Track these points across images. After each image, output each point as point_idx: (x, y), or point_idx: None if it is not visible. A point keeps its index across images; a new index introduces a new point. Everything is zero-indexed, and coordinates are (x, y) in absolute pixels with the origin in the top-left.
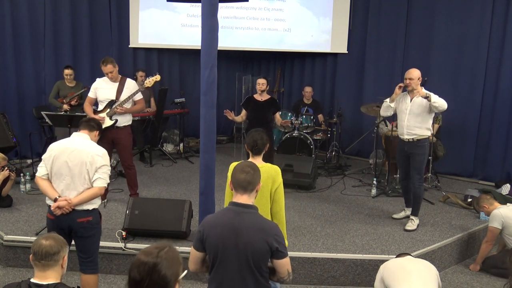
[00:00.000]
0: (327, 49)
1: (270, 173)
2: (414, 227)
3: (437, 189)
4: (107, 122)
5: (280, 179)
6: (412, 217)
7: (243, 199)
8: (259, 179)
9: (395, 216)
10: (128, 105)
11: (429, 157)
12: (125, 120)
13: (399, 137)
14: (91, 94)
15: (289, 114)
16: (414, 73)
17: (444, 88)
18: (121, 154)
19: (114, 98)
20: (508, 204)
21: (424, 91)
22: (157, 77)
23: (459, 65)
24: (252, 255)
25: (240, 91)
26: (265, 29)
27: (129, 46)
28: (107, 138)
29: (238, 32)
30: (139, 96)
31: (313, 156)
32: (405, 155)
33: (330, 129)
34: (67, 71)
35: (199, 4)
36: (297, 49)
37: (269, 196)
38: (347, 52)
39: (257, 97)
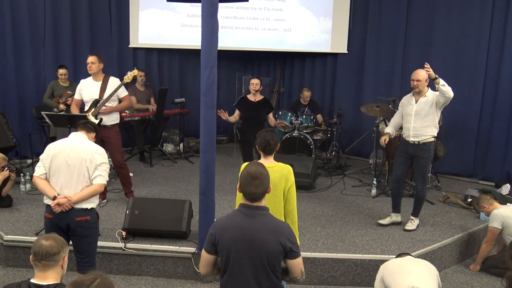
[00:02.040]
0: (327, 49)
1: (283, 172)
2: (414, 227)
3: (437, 189)
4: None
5: (292, 178)
6: (412, 217)
7: (254, 203)
8: (268, 184)
9: (381, 221)
10: (113, 103)
11: None
12: (111, 119)
13: (404, 138)
14: (76, 96)
15: (289, 114)
16: (422, 74)
17: None
18: (111, 153)
19: (97, 97)
20: (508, 204)
21: (433, 72)
22: (135, 72)
23: (459, 65)
24: (266, 256)
25: (240, 91)
26: (265, 29)
27: (129, 46)
28: (96, 138)
29: (238, 32)
30: (123, 93)
31: (313, 156)
32: (408, 157)
33: (329, 129)
34: (61, 71)
35: (199, 4)
36: (297, 49)
37: (282, 195)
38: (347, 52)
39: (250, 97)
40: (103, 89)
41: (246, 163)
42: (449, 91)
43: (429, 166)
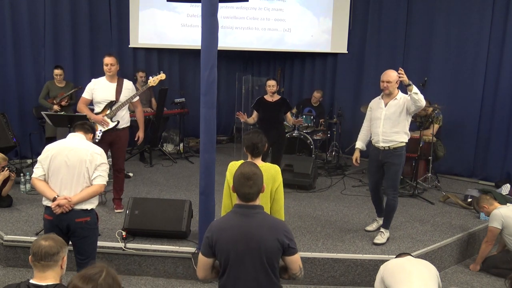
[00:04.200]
0: (327, 49)
1: (271, 172)
2: (384, 240)
3: (437, 189)
4: (110, 124)
5: (280, 178)
6: (382, 229)
7: (249, 202)
8: (262, 183)
9: (368, 228)
10: (125, 106)
11: (429, 157)
12: (124, 122)
13: (373, 145)
14: (86, 95)
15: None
16: (392, 75)
17: (444, 88)
18: (115, 155)
19: (113, 99)
20: (508, 204)
21: (407, 78)
22: (162, 76)
23: (459, 65)
24: (265, 255)
25: (240, 91)
26: (265, 29)
27: (129, 46)
28: (106, 140)
29: (238, 32)
30: (136, 98)
31: (313, 156)
32: (379, 164)
33: (328, 129)
34: (56, 71)
35: (199, 4)
36: (297, 49)
37: (270, 195)
38: (347, 52)
39: (267, 98)
40: (118, 91)
41: (232, 162)
42: (421, 100)
43: (400, 173)
